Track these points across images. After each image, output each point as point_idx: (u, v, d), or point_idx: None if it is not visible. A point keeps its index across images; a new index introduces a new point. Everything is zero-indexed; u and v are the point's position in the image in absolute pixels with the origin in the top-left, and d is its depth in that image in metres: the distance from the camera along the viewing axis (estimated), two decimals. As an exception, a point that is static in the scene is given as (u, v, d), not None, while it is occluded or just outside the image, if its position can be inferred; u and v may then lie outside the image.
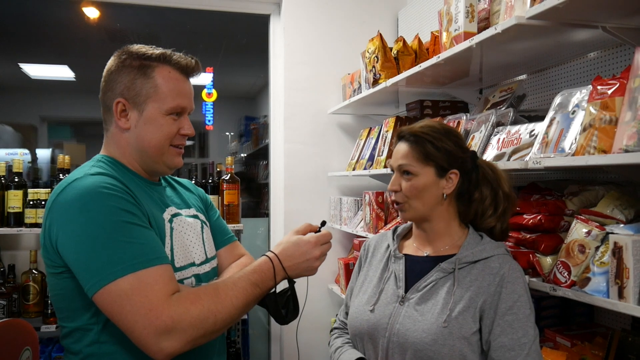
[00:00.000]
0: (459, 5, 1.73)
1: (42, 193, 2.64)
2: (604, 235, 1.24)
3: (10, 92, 6.98)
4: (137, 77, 1.18)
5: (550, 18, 1.36)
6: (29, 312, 2.66)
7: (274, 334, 3.13)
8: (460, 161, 1.33)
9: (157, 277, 1.04)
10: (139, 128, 1.20)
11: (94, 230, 1.04)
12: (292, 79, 3.08)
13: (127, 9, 3.96)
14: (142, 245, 1.06)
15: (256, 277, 1.15)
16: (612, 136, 1.15)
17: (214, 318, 1.05)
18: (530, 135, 1.48)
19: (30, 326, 1.62)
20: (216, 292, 1.09)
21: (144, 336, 1.00)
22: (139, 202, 1.13)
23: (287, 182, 3.06)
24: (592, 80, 1.27)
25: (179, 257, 1.20)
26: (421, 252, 1.37)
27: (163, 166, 1.24)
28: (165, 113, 1.20)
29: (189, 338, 1.02)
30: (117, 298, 1.01)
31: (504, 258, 1.27)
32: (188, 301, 1.04)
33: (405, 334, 1.23)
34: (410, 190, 1.32)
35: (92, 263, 1.03)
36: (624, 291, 1.12)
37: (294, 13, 3.08)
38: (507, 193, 1.35)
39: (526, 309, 1.20)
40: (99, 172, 1.14)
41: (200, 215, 1.35)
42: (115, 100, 1.19)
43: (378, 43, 2.36)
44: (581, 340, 1.48)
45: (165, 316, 1.00)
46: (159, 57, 1.21)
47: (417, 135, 1.34)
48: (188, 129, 1.24)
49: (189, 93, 1.25)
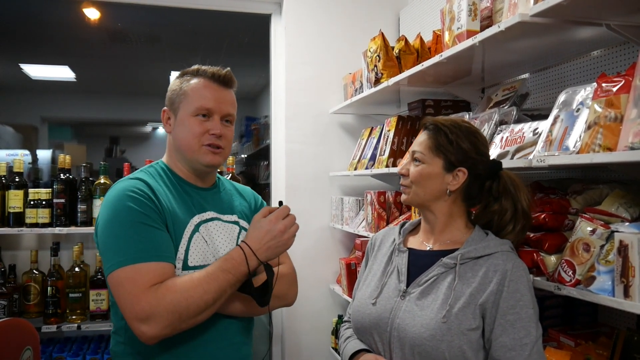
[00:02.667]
0: (461, 4, 1.73)
1: (42, 193, 2.64)
2: (609, 233, 1.23)
3: (11, 93, 6.98)
4: (175, 90, 1.41)
5: (554, 16, 1.36)
6: (30, 313, 2.65)
7: (276, 335, 3.12)
8: (472, 162, 1.32)
9: (150, 271, 1.19)
10: (175, 130, 1.40)
11: (112, 225, 1.24)
12: (294, 79, 3.07)
13: (127, 9, 3.96)
14: (148, 243, 1.22)
15: (227, 265, 1.26)
16: (618, 134, 1.14)
17: (186, 302, 1.18)
18: (534, 134, 1.48)
19: (32, 326, 1.62)
20: (190, 279, 1.22)
21: (129, 320, 1.18)
22: (161, 206, 1.29)
23: (289, 182, 3.06)
24: (596, 78, 1.26)
25: (195, 257, 1.32)
26: (424, 246, 1.37)
27: (197, 163, 1.38)
28: (191, 114, 1.36)
29: (166, 322, 1.16)
30: (116, 284, 1.20)
31: (508, 255, 1.25)
32: (165, 287, 1.18)
33: (405, 328, 1.22)
34: (415, 176, 1.34)
35: (108, 251, 1.23)
36: (630, 290, 1.11)
37: (295, 13, 3.08)
38: (525, 209, 1.33)
39: (529, 308, 1.18)
40: (136, 177, 1.34)
41: (242, 222, 1.47)
42: (163, 109, 1.43)
43: (380, 42, 2.35)
44: (585, 340, 1.47)
45: (144, 302, 1.16)
46: (193, 72, 1.42)
47: (437, 126, 1.34)
48: (215, 129, 1.36)
49: (217, 98, 1.38)
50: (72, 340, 2.82)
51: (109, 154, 7.32)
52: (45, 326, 2.58)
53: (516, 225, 1.33)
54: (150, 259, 1.20)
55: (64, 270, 2.71)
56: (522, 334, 1.15)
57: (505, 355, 1.15)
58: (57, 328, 2.60)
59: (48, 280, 2.63)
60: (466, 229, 1.35)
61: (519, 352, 1.14)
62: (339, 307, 3.08)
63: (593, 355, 1.40)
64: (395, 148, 2.37)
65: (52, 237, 2.83)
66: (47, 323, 2.60)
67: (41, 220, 2.63)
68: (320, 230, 3.08)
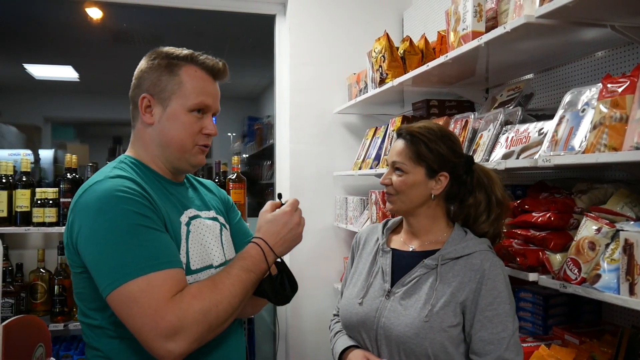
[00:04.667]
0: (467, 5, 1.74)
1: (49, 192, 2.65)
2: (614, 232, 1.25)
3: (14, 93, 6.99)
4: (163, 74, 1.21)
5: (559, 17, 1.37)
6: (37, 311, 2.67)
7: (280, 334, 3.14)
8: (452, 165, 1.38)
9: (165, 280, 1.04)
10: (162, 124, 1.21)
11: (108, 233, 1.05)
12: (298, 79, 3.09)
13: (131, 9, 3.97)
14: (154, 249, 1.06)
15: (247, 263, 1.15)
16: (623, 134, 1.16)
17: (216, 309, 1.06)
18: (539, 134, 1.49)
19: (43, 323, 1.64)
20: (214, 283, 1.09)
21: (150, 339, 1.01)
22: (155, 205, 1.13)
23: (293, 182, 3.07)
24: (601, 78, 1.28)
25: (195, 259, 1.19)
26: (407, 247, 1.43)
27: (186, 164, 1.24)
28: (188, 110, 1.20)
29: (195, 335, 1.03)
30: (126, 300, 1.02)
31: (485, 255, 1.31)
32: (190, 296, 1.04)
33: (390, 327, 1.29)
34: (400, 186, 1.38)
35: (105, 265, 1.04)
36: (635, 287, 1.13)
37: (299, 13, 3.09)
38: (499, 199, 1.40)
39: (506, 304, 1.26)
40: (118, 174, 1.15)
41: (220, 218, 1.35)
42: (141, 95, 1.21)
43: (385, 43, 2.37)
44: (590, 338, 1.49)
45: (171, 315, 1.00)
46: (187, 57, 1.23)
47: (414, 134, 1.38)
48: (211, 129, 1.24)
49: (214, 93, 1.26)
50: (79, 338, 2.83)
51: (112, 153, 7.32)
52: (52, 324, 2.60)
53: (490, 214, 1.40)
54: (161, 267, 1.05)
55: (70, 269, 2.72)
56: (500, 329, 1.24)
57: (484, 349, 1.24)
58: (64, 326, 2.62)
59: (55, 278, 2.65)
60: (447, 228, 1.42)
61: (497, 346, 1.23)
62: (343, 306, 3.09)
63: (598, 353, 1.42)
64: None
65: (59, 236, 2.85)
66: (54, 321, 2.62)
67: (48, 220, 2.64)
68: (324, 229, 3.10)
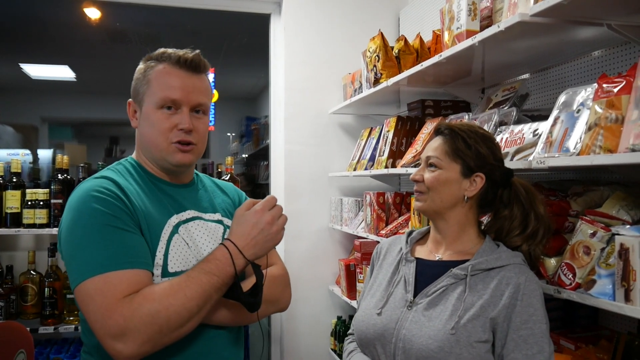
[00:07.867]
0: (461, 4, 1.71)
1: (40, 193, 2.62)
2: (609, 236, 1.21)
3: (11, 93, 6.97)
4: (139, 78, 1.24)
5: (554, 15, 1.34)
6: (27, 314, 2.64)
7: (275, 336, 3.11)
8: (489, 167, 1.29)
9: (122, 280, 1.04)
10: (140, 125, 1.25)
11: (76, 231, 1.08)
12: (293, 79, 3.06)
13: (127, 9, 3.95)
14: (117, 248, 1.07)
15: (211, 266, 1.10)
16: (619, 135, 1.13)
17: (166, 312, 1.03)
18: (534, 135, 1.46)
19: (25, 329, 1.61)
20: (170, 285, 1.07)
21: (100, 337, 1.02)
22: (132, 206, 1.14)
23: (288, 182, 3.04)
24: (597, 78, 1.25)
25: (175, 262, 1.17)
26: (433, 256, 1.33)
27: (167, 163, 1.23)
28: (156, 107, 1.20)
29: (144, 337, 1.00)
30: (84, 297, 1.04)
31: (520, 268, 1.21)
32: (141, 297, 1.03)
33: (411, 339, 1.18)
34: (432, 182, 1.29)
35: (73, 262, 1.08)
36: (631, 294, 1.09)
37: (294, 12, 3.07)
38: (541, 214, 1.28)
39: (542, 323, 1.14)
40: (103, 175, 1.19)
41: (226, 220, 1.32)
42: (128, 101, 1.27)
43: (379, 42, 2.33)
44: (585, 343, 1.45)
45: (117, 315, 1.00)
46: (157, 56, 1.24)
47: (454, 130, 1.31)
48: (184, 124, 1.19)
49: (185, 86, 1.20)
50: (70, 341, 2.80)
51: (109, 153, 7.31)
52: (42, 327, 2.57)
53: (525, 229, 1.28)
54: (121, 267, 1.04)
55: (61, 271, 2.69)
56: (535, 350, 1.12)
57: None
58: (54, 329, 2.58)
59: (45, 281, 2.62)
60: (477, 239, 1.32)
61: None
62: (338, 308, 3.07)
63: (593, 358, 1.39)
64: (395, 149, 2.35)
65: (50, 237, 2.82)
66: (45, 324, 2.59)
67: (39, 221, 2.61)
68: (319, 231, 3.07)
